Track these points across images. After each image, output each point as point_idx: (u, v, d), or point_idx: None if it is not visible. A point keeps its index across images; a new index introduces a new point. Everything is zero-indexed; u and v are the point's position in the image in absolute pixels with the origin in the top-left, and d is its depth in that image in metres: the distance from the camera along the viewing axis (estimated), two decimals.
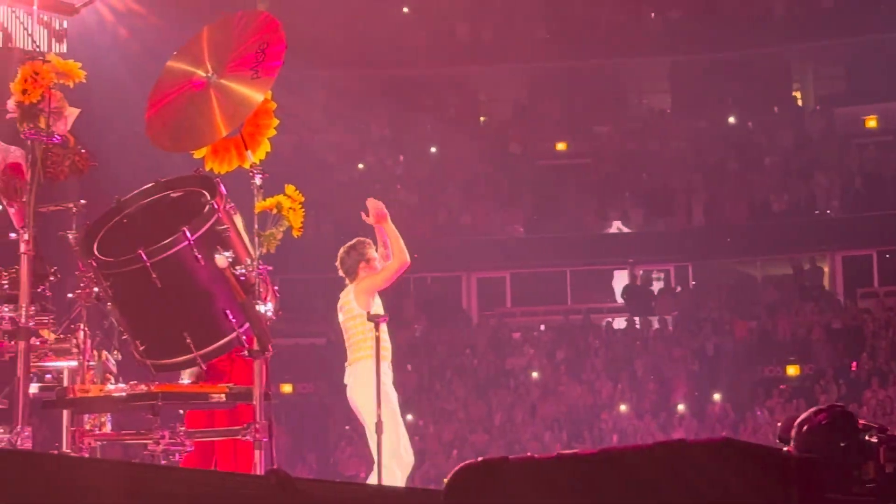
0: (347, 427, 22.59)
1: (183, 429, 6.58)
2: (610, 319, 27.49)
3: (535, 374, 24.85)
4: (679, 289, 28.12)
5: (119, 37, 10.74)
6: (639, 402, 23.44)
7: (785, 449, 4.52)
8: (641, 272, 28.53)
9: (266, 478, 4.80)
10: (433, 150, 30.08)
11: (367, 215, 9.44)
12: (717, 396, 23.47)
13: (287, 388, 23.64)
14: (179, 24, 11.10)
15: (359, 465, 21.23)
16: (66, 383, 7.39)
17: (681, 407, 23.33)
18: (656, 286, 28.26)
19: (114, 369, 7.32)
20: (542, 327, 27.10)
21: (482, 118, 31.75)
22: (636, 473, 4.14)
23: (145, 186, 7.16)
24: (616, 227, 28.53)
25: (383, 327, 8.95)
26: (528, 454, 4.39)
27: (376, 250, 9.26)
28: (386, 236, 9.33)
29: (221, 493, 4.63)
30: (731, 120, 29.67)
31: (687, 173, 28.38)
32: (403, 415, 9.52)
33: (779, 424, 5.50)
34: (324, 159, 28.33)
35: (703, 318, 25.73)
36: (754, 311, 26.03)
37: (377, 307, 9.05)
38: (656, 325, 26.25)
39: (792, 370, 24.13)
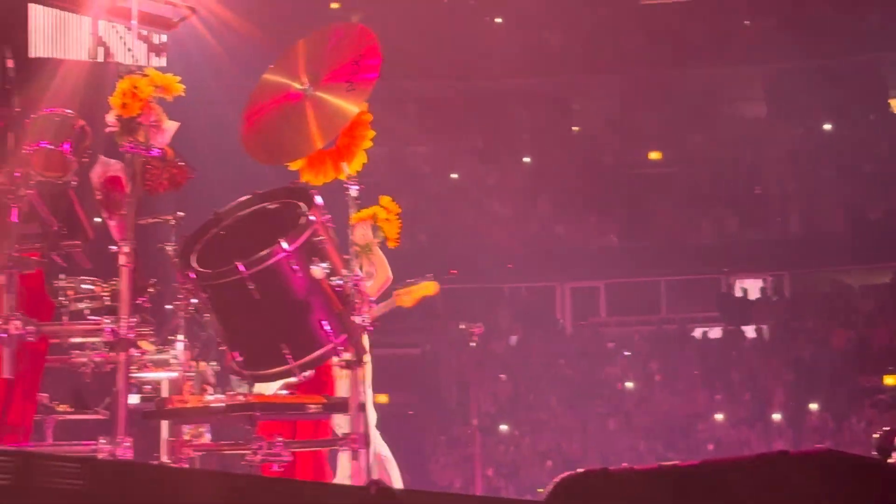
0: (442, 437, 22.68)
1: (281, 439, 6.62)
2: (705, 329, 27.33)
3: (629, 384, 24.83)
4: (775, 298, 27.89)
5: (215, 50, 10.74)
6: (734, 411, 23.32)
7: (889, 461, 4.45)
8: (736, 281, 28.38)
9: (366, 488, 4.81)
10: (526, 160, 30.11)
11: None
12: (813, 406, 23.29)
13: (382, 399, 23.80)
14: (275, 37, 11.17)
15: (453, 475, 21.28)
16: (165, 394, 7.52)
17: (777, 416, 23.17)
18: (752, 296, 28.08)
19: (212, 380, 7.39)
20: (637, 337, 27.05)
21: (575, 128, 31.73)
22: (738, 485, 4.09)
23: (242, 198, 7.20)
24: (710, 236, 28.41)
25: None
26: (628, 465, 4.36)
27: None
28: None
29: (321, 503, 4.66)
30: (827, 128, 29.42)
31: (782, 182, 28.18)
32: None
33: (875, 436, 5.39)
34: (417, 170, 28.48)
35: (800, 328, 25.55)
36: (851, 321, 25.77)
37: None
38: (752, 335, 26.08)
39: (889, 380, 23.85)
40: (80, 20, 7.10)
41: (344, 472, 8.53)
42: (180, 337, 7.20)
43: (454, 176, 29.25)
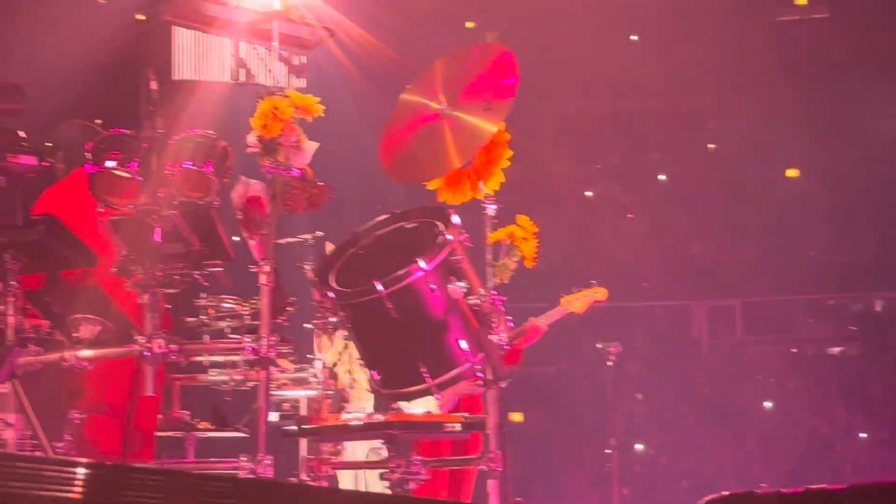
0: (577, 456, 22.62)
1: (419, 458, 6.67)
2: (844, 348, 26.95)
3: (767, 404, 24.59)
4: None
5: (351, 71, 10.85)
6: (875, 432, 22.99)
7: None
8: (876, 300, 28.01)
9: None
10: (661, 178, 30.00)
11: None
12: None
13: (517, 417, 23.78)
14: (410, 58, 11.27)
15: (588, 494, 21.21)
16: (303, 412, 7.65)
17: None
18: (892, 314, 27.68)
19: (349, 398, 7.51)
20: (774, 356, 26.77)
21: (711, 146, 31.55)
22: None
23: (380, 218, 7.30)
24: (849, 254, 28.07)
25: None
26: (774, 488, 4.30)
27: None
28: None
29: None
30: None
31: None
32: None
33: None
34: (552, 189, 28.54)
35: None
36: None
37: None
38: (893, 354, 25.71)
39: None
40: (221, 42, 7.22)
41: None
42: (319, 355, 7.29)
43: (589, 194, 29.26)
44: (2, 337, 6.63)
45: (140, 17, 16.33)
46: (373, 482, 8.70)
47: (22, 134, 6.60)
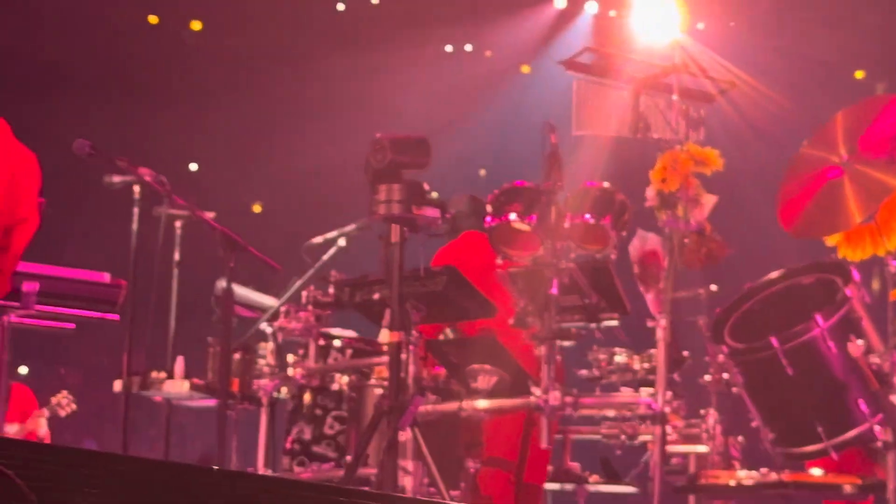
0: None
1: None
2: None
3: None
4: None
5: (756, 123, 10.89)
6: None
7: None
8: None
9: None
10: None
11: None
12: None
13: None
14: (802, 110, 11.24)
15: None
16: (692, 469, 7.66)
17: None
18: None
19: (739, 455, 7.48)
20: None
21: None
22: None
23: (775, 273, 7.36)
24: None
25: None
26: None
27: None
28: None
29: None
30: None
31: None
32: None
33: None
34: None
35: None
36: None
37: None
38: None
39: None
40: (620, 95, 7.37)
41: None
42: (712, 411, 7.32)
43: None
44: (403, 385, 6.76)
45: (525, 69, 16.89)
46: None
47: (426, 187, 6.83)
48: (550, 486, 8.54)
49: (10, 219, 5.72)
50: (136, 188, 8.26)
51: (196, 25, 16.26)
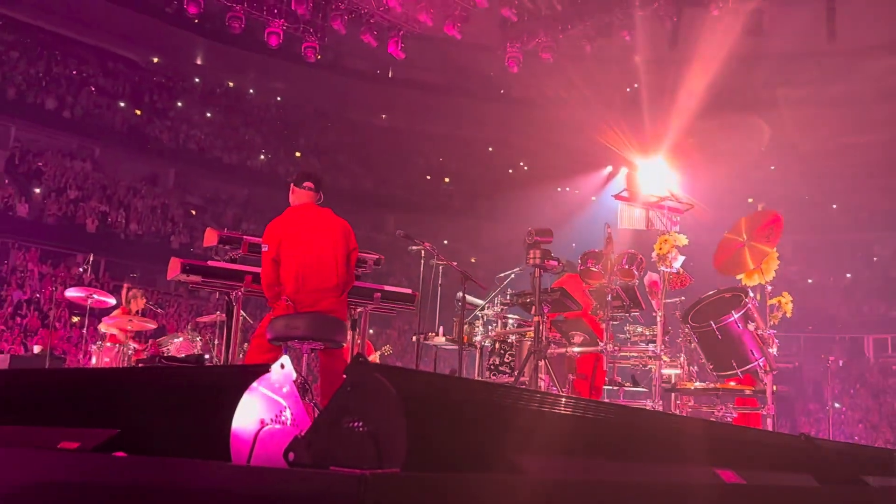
0: None
1: None
2: None
3: None
4: None
5: (702, 222, 13.64)
6: None
7: None
8: None
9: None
10: None
11: None
12: None
13: None
14: (729, 214, 13.47)
15: None
16: (673, 381, 10.50)
17: None
18: None
19: (695, 375, 10.39)
20: None
21: None
22: None
23: (711, 291, 10.51)
24: None
25: None
26: None
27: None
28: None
29: None
30: None
31: None
32: None
33: None
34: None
35: None
36: None
37: None
38: None
39: None
40: (640, 211, 9.95)
41: None
42: (682, 356, 10.54)
43: None
44: (539, 340, 9.28)
45: (594, 198, 29.04)
46: None
47: (551, 252, 9.63)
48: (607, 388, 11.09)
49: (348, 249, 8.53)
50: (422, 251, 11.25)
51: None
